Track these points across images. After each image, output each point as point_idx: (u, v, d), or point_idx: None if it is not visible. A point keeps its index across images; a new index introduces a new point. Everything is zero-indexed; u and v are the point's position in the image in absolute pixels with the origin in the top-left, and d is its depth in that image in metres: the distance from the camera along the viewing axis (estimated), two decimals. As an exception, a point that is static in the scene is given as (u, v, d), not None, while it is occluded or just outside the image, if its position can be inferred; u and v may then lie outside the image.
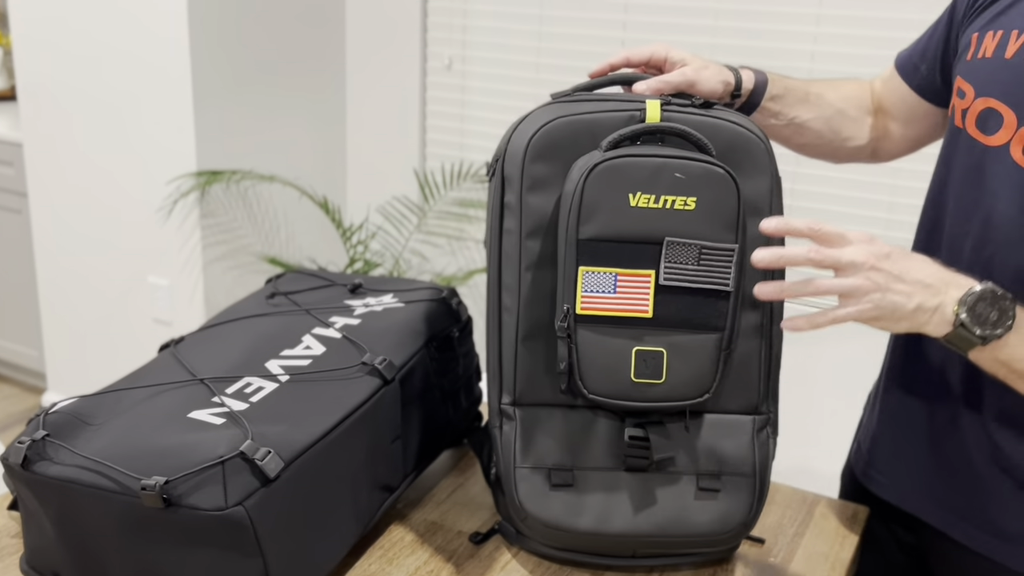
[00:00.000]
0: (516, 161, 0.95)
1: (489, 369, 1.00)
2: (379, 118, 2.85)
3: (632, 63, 1.07)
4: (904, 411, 1.10)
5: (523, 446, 0.97)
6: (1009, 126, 0.95)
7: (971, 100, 0.99)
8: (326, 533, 0.95)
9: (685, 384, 0.94)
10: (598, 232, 0.91)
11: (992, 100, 0.97)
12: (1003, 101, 0.96)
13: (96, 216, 2.65)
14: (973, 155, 0.99)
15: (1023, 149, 0.93)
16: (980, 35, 1.01)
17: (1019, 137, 0.94)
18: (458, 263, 2.84)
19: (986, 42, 0.99)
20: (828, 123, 1.17)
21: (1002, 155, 0.95)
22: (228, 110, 2.49)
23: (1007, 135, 0.95)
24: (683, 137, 0.94)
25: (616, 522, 0.97)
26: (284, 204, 2.71)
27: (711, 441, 0.98)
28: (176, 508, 0.83)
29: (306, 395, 0.97)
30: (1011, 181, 0.95)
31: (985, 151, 0.97)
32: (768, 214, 0.96)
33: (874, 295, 0.85)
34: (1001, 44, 0.97)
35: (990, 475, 1.01)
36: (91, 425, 0.92)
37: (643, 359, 0.94)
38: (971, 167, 0.99)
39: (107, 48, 2.47)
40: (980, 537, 1.02)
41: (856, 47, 2.16)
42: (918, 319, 0.87)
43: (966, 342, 0.88)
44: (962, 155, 1.01)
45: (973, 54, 1.01)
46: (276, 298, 1.19)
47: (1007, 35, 0.97)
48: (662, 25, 2.36)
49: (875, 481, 1.14)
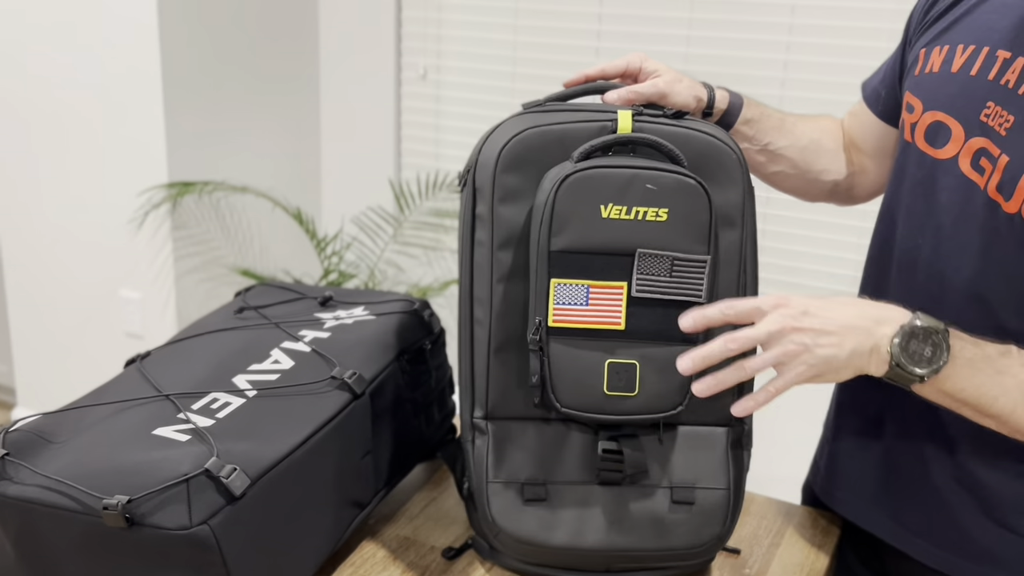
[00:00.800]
0: (487, 172, 0.94)
1: (461, 382, 0.99)
2: (353, 128, 2.84)
3: (608, 74, 1.07)
4: (860, 427, 1.10)
5: (495, 460, 0.96)
6: (957, 139, 0.95)
7: (919, 114, 1.00)
8: (295, 551, 0.93)
9: (658, 397, 0.94)
10: (569, 244, 0.91)
11: (939, 114, 0.97)
12: (950, 114, 0.96)
13: (66, 228, 2.62)
14: (923, 168, 1.00)
15: (971, 162, 0.94)
16: (927, 50, 1.01)
17: (967, 149, 0.94)
18: (434, 273, 2.83)
19: (933, 57, 1.00)
20: (802, 153, 1.16)
21: (951, 167, 0.96)
22: (200, 120, 2.47)
23: (955, 148, 0.96)
24: (654, 148, 0.93)
25: (590, 537, 0.96)
26: (257, 215, 2.69)
27: (685, 454, 0.98)
28: (139, 527, 0.81)
29: (274, 410, 0.95)
30: (960, 193, 0.95)
31: (934, 164, 0.98)
32: (741, 225, 0.96)
33: (804, 356, 0.85)
34: (947, 59, 0.98)
35: (950, 492, 1.00)
36: (53, 443, 0.90)
37: (616, 372, 0.93)
38: (921, 180, 1.00)
39: (76, 57, 2.44)
40: (940, 555, 1.02)
41: (828, 56, 2.18)
42: (857, 363, 0.86)
43: (905, 379, 0.87)
44: (912, 169, 1.01)
45: (921, 69, 1.02)
46: (245, 312, 1.17)
47: (953, 50, 0.98)
48: (636, 35, 2.37)
49: (835, 498, 1.14)
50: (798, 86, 2.23)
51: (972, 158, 0.94)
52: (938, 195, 0.97)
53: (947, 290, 0.96)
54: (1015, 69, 0.91)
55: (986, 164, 0.92)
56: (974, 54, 0.95)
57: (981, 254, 0.93)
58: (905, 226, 1.02)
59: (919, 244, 0.99)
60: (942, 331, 0.86)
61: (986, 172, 0.92)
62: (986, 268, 0.93)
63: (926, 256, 0.98)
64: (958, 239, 0.95)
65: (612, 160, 0.92)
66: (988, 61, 0.94)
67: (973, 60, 0.95)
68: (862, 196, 1.22)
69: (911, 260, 1.00)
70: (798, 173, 1.17)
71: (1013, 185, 0.89)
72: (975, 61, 0.95)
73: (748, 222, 0.96)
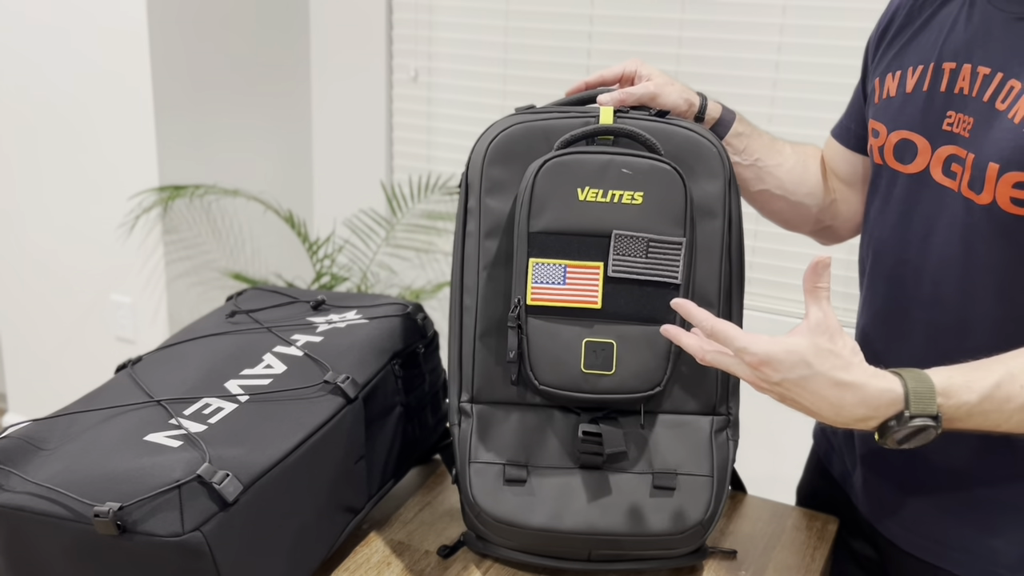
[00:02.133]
0: (476, 166, 0.99)
1: (450, 369, 1.02)
2: (345, 130, 2.83)
3: (606, 81, 1.10)
4: None
5: (478, 442, 0.98)
6: (924, 151, 0.99)
7: (885, 136, 1.04)
8: (288, 558, 0.92)
9: (635, 376, 0.96)
10: (548, 225, 0.95)
11: (904, 132, 1.01)
12: (914, 131, 1.00)
13: (56, 233, 2.61)
14: (896, 185, 1.03)
15: (942, 169, 0.97)
16: (882, 79, 1.06)
17: (936, 159, 0.98)
18: (427, 276, 2.82)
19: (888, 83, 1.05)
20: (790, 173, 1.17)
21: (924, 179, 0.99)
22: (190, 123, 2.46)
23: (924, 160, 0.99)
24: (632, 138, 0.98)
25: (568, 519, 0.96)
26: (249, 219, 2.68)
27: (667, 441, 0.99)
28: (131, 535, 0.80)
29: (266, 415, 0.94)
30: (936, 202, 0.98)
31: (908, 179, 1.01)
32: (722, 217, 0.99)
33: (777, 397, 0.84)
34: (901, 82, 1.03)
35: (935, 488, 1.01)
36: (43, 450, 0.90)
37: (593, 350, 0.96)
38: (899, 198, 1.02)
39: (64, 61, 2.43)
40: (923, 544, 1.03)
41: (819, 56, 2.18)
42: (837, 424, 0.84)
43: None
44: (887, 188, 1.04)
45: (880, 96, 1.06)
46: (237, 316, 1.16)
47: (904, 72, 1.03)
48: (628, 36, 2.36)
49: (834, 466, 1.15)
50: (790, 87, 2.23)
51: (943, 165, 0.97)
52: (915, 208, 1.00)
53: (941, 300, 0.98)
54: (964, 76, 0.95)
55: (957, 168, 0.95)
56: (923, 72, 1.00)
57: (965, 254, 0.95)
58: (888, 244, 1.04)
59: (906, 260, 1.01)
60: (932, 423, 0.81)
61: (958, 175, 0.95)
62: (970, 266, 0.95)
63: (914, 272, 1.00)
64: (940, 245, 0.97)
65: (590, 147, 0.96)
66: (936, 75, 0.99)
67: (923, 77, 1.00)
68: (843, 229, 1.22)
69: (899, 276, 1.02)
70: (784, 194, 1.17)
71: (982, 177, 0.91)
72: (925, 77, 1.00)
73: (732, 213, 0.99)
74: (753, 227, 2.29)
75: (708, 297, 0.99)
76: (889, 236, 1.04)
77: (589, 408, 0.98)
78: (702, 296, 0.99)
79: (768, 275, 2.34)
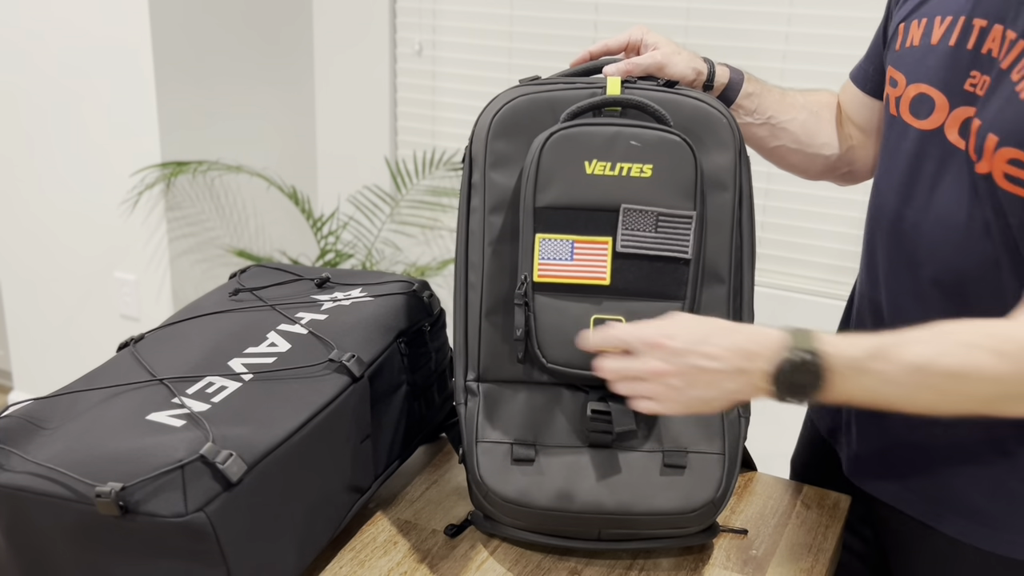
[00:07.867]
0: (480, 140, 0.97)
1: (455, 347, 1.00)
2: (348, 105, 2.80)
3: (611, 50, 1.07)
4: None
5: (485, 421, 0.97)
6: (941, 109, 0.96)
7: (903, 87, 1.00)
8: (294, 538, 0.91)
9: None
10: (554, 200, 0.93)
11: (923, 86, 0.98)
12: (933, 86, 0.97)
13: (59, 210, 2.59)
14: (908, 140, 1.00)
15: (959, 130, 0.94)
16: (906, 24, 1.02)
17: (953, 119, 0.95)
18: (432, 253, 2.80)
19: (912, 30, 1.01)
20: (803, 126, 1.15)
21: (937, 138, 0.96)
22: (193, 99, 2.43)
23: (940, 118, 0.96)
24: (640, 109, 0.95)
25: (578, 499, 0.95)
26: (252, 195, 2.66)
27: (677, 419, 0.97)
28: (133, 516, 0.79)
29: (271, 394, 0.93)
30: (944, 162, 0.95)
31: (920, 136, 0.98)
32: (733, 189, 0.96)
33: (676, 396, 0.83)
34: (927, 31, 0.99)
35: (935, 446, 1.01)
36: (45, 429, 0.88)
37: None
38: (909, 153, 1.00)
39: (65, 36, 2.40)
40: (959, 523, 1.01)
41: (829, 27, 2.14)
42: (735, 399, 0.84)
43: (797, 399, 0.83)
44: (899, 141, 1.01)
45: (901, 43, 1.02)
46: (240, 294, 1.15)
47: (931, 22, 0.98)
48: (635, 7, 2.33)
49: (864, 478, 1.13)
50: (800, 59, 2.20)
51: (960, 127, 0.94)
52: (923, 165, 0.97)
53: (938, 259, 0.95)
54: (994, 37, 0.92)
55: (970, 130, 0.93)
56: (951, 25, 0.96)
57: (967, 220, 0.93)
58: (892, 198, 1.02)
59: (906, 215, 0.99)
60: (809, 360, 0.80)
61: (969, 138, 0.93)
62: (970, 232, 0.93)
63: (914, 228, 0.98)
64: (942, 206, 0.95)
65: (597, 119, 0.94)
66: (965, 31, 0.94)
67: (951, 30, 0.96)
68: (862, 172, 1.21)
69: (898, 231, 1.00)
70: (799, 147, 1.16)
71: (982, 146, 0.90)
72: (953, 31, 0.96)
73: (743, 186, 0.97)
74: (762, 202, 2.26)
75: (719, 272, 0.97)
76: (892, 191, 1.02)
77: (598, 386, 0.96)
78: (712, 271, 0.97)
79: (777, 251, 2.32)
